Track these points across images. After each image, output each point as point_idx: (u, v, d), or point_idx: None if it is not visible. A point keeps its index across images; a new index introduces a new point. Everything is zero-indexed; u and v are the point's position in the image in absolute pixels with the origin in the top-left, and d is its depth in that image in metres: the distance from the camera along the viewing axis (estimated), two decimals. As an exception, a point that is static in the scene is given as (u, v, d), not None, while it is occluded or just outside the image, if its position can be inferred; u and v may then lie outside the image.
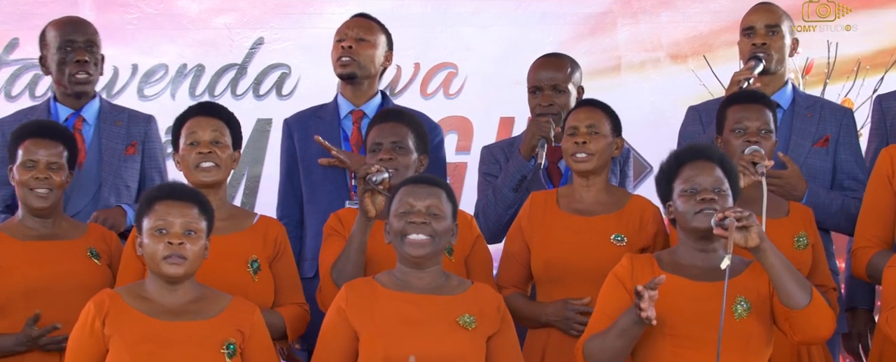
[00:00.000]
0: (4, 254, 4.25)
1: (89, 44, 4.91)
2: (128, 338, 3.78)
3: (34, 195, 4.27)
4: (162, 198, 3.88)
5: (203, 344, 3.81)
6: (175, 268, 3.82)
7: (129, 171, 4.90)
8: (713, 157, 3.96)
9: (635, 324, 3.78)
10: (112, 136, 4.93)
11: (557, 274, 4.34)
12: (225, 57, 6.29)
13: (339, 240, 4.32)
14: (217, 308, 3.89)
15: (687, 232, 3.91)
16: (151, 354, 3.77)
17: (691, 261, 3.92)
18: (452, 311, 3.90)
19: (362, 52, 5.00)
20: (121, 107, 5.08)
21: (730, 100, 4.55)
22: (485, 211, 4.84)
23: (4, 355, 4.21)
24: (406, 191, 3.97)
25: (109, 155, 4.90)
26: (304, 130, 5.03)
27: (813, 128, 4.91)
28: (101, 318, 3.81)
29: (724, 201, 3.88)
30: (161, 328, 3.81)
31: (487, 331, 3.91)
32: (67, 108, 4.94)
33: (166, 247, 3.81)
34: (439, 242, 3.93)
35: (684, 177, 3.92)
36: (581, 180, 4.43)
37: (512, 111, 6.19)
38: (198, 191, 3.99)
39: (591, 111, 4.46)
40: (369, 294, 3.92)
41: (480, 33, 6.34)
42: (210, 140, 4.30)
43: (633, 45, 6.35)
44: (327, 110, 5.08)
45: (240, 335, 3.86)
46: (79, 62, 4.87)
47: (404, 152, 4.41)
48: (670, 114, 6.18)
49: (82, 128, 4.93)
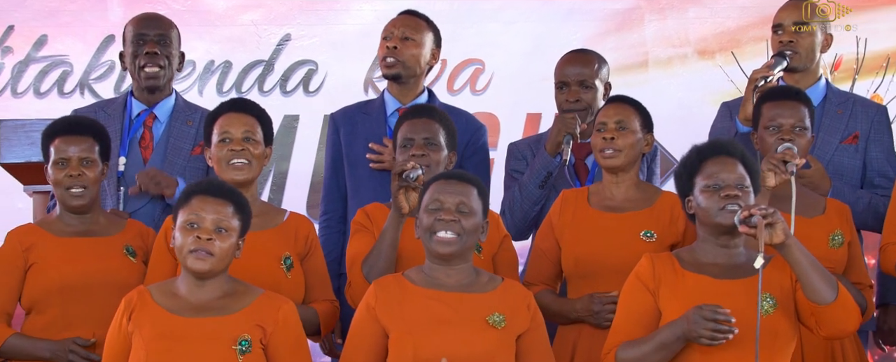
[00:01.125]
0: (41, 251, 4.26)
1: (161, 37, 4.91)
2: (145, 335, 3.80)
3: (70, 194, 4.28)
4: (198, 193, 3.88)
5: (216, 341, 3.80)
6: (200, 264, 3.82)
7: (193, 172, 4.87)
8: (735, 153, 3.95)
9: (678, 340, 3.77)
10: (180, 135, 4.91)
11: (588, 270, 4.34)
12: (252, 53, 6.31)
13: (367, 235, 4.33)
14: (242, 303, 3.88)
15: (709, 228, 3.90)
16: (165, 351, 3.77)
17: (713, 259, 3.91)
18: (482, 310, 3.88)
19: (406, 52, 4.97)
20: (195, 106, 5.05)
21: (765, 96, 4.52)
22: (511, 207, 4.83)
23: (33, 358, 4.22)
24: (437, 188, 3.96)
25: (174, 154, 4.89)
26: (350, 126, 5.02)
27: (842, 125, 4.89)
28: (128, 314, 3.83)
29: (746, 197, 3.88)
30: (179, 324, 3.81)
31: (517, 330, 3.90)
32: (141, 104, 4.94)
33: (195, 240, 3.81)
34: (468, 240, 3.92)
35: (707, 173, 3.91)
36: (611, 177, 4.43)
37: (538, 107, 6.19)
38: (236, 191, 3.97)
39: (620, 107, 4.45)
40: (398, 291, 3.91)
41: (507, 29, 6.34)
42: (242, 137, 4.30)
43: (660, 41, 6.34)
44: (373, 106, 5.06)
45: (260, 330, 3.84)
46: (148, 55, 4.87)
47: (435, 149, 4.41)
48: (697, 111, 6.18)
49: (153, 125, 4.93)
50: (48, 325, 4.21)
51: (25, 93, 6.22)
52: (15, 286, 4.23)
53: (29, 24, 6.22)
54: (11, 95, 6.21)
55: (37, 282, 4.22)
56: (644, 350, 3.82)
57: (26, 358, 4.21)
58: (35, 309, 4.24)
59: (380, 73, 5.11)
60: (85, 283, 4.21)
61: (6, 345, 4.19)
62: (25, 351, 4.19)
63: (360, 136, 4.96)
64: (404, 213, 4.15)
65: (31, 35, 6.22)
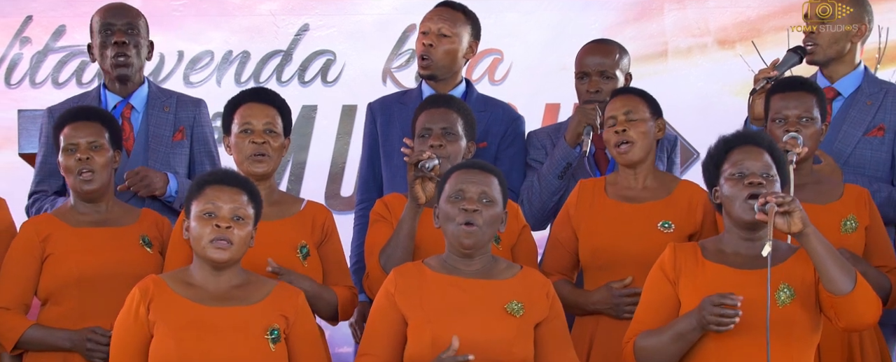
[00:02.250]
0: (57, 241, 4.26)
1: (129, 27, 4.86)
2: (173, 324, 3.79)
3: (80, 180, 4.28)
4: (213, 183, 3.88)
5: (247, 330, 3.81)
6: (220, 253, 3.82)
7: (177, 157, 4.88)
8: (762, 143, 3.94)
9: (694, 330, 3.76)
10: (159, 123, 4.90)
11: (605, 261, 4.33)
12: (270, 43, 6.31)
13: (385, 225, 4.33)
14: (261, 293, 3.89)
15: (732, 219, 3.89)
16: (196, 340, 3.78)
17: (735, 249, 3.90)
18: (501, 297, 3.88)
19: (441, 49, 4.93)
20: (170, 92, 5.04)
21: (774, 88, 4.50)
22: (529, 197, 4.82)
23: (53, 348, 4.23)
24: (458, 177, 3.95)
25: (156, 142, 4.87)
26: (387, 116, 5.01)
27: (868, 117, 4.83)
28: (146, 304, 3.82)
29: (771, 187, 3.86)
30: (206, 313, 3.81)
31: (536, 318, 3.90)
32: (116, 96, 4.91)
33: (213, 230, 3.82)
34: (489, 230, 3.91)
35: (732, 162, 3.90)
36: (628, 168, 4.41)
37: (557, 97, 6.17)
38: (248, 179, 3.99)
39: (625, 98, 4.43)
40: (418, 278, 3.91)
41: (526, 19, 6.32)
42: (263, 128, 4.30)
43: (680, 31, 6.31)
44: (411, 97, 5.04)
45: (284, 320, 3.86)
46: (117, 44, 4.83)
47: (453, 139, 4.40)
48: (717, 100, 6.16)
49: (130, 115, 4.90)
50: (65, 316, 4.22)
51: (44, 84, 6.23)
52: (32, 277, 4.24)
53: (47, 15, 6.22)
54: (30, 86, 6.22)
55: (54, 273, 4.22)
56: (662, 339, 3.82)
57: (46, 349, 4.22)
58: (51, 299, 4.25)
59: (398, 63, 5.09)
60: (102, 274, 4.21)
61: (25, 336, 4.20)
62: (45, 341, 4.20)
63: (397, 126, 4.95)
64: (421, 204, 4.15)
65: (50, 25, 6.22)
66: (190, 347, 3.77)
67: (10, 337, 4.21)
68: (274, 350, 3.81)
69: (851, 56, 4.90)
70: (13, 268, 4.25)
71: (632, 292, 4.24)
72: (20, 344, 4.21)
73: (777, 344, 3.76)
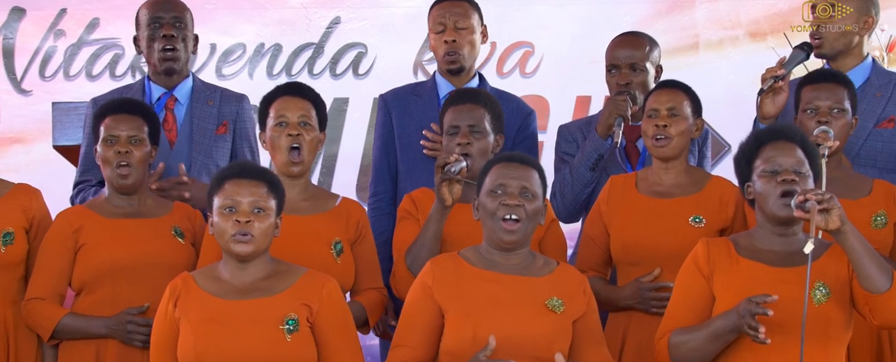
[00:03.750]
0: (91, 232, 4.29)
1: (176, 20, 4.87)
2: (193, 320, 3.81)
3: (117, 172, 4.31)
4: (231, 177, 3.89)
5: (262, 322, 3.80)
6: (242, 247, 3.82)
7: (219, 151, 4.87)
8: (794, 138, 3.91)
9: (731, 331, 3.74)
10: (203, 116, 4.90)
11: (636, 257, 4.32)
12: (302, 36, 6.33)
13: (413, 222, 4.33)
14: (286, 283, 3.88)
15: (766, 215, 3.87)
16: (213, 334, 3.78)
17: (769, 246, 3.87)
18: (540, 293, 3.86)
19: (464, 42, 4.95)
20: (214, 86, 5.04)
21: (805, 80, 4.49)
22: (562, 190, 4.82)
23: (89, 336, 4.25)
24: (499, 171, 3.93)
25: (200, 135, 4.88)
26: (402, 108, 5.01)
27: (878, 108, 4.80)
28: (174, 301, 3.85)
29: (804, 183, 3.83)
30: (225, 308, 3.82)
31: (574, 315, 3.88)
32: (160, 88, 4.91)
33: (234, 225, 3.82)
34: (530, 224, 3.90)
35: (765, 158, 3.88)
36: (660, 163, 4.41)
37: (588, 90, 6.17)
38: (267, 170, 3.98)
39: (672, 93, 4.42)
40: (455, 271, 3.89)
41: (557, 11, 6.32)
42: (298, 121, 4.30)
43: (711, 23, 6.30)
44: (425, 89, 5.05)
45: (306, 309, 3.84)
46: (165, 37, 4.84)
47: (481, 135, 4.40)
48: (748, 93, 6.10)
49: (174, 107, 4.91)
50: (97, 305, 4.24)
51: (78, 76, 6.27)
52: (65, 267, 4.27)
53: (81, 7, 6.26)
54: (64, 78, 6.26)
55: (87, 263, 4.26)
56: (697, 337, 3.79)
57: (81, 337, 4.25)
58: (85, 289, 4.28)
59: (430, 56, 5.10)
60: (134, 264, 4.24)
61: (61, 325, 4.23)
62: (80, 329, 4.23)
63: (413, 118, 4.95)
64: (447, 205, 4.14)
65: (84, 18, 6.26)
66: (206, 342, 3.78)
67: (46, 326, 4.24)
68: (290, 340, 3.79)
69: (859, 49, 4.88)
70: (47, 259, 4.28)
71: (659, 286, 4.24)
72: (56, 333, 4.25)
73: (814, 343, 3.74)
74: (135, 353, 4.21)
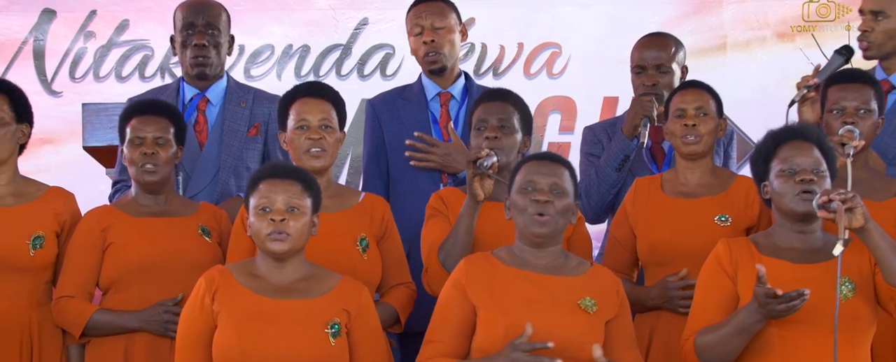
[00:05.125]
0: (119, 231, 4.32)
1: (209, 26, 4.89)
2: (236, 315, 3.82)
3: (143, 171, 4.33)
4: (265, 177, 3.91)
5: (308, 323, 3.82)
6: (278, 245, 3.85)
7: (250, 153, 4.89)
8: (811, 138, 3.91)
9: (757, 323, 3.73)
10: (235, 118, 4.92)
11: (663, 257, 4.32)
12: (330, 37, 6.35)
13: (442, 220, 4.34)
14: (325, 287, 3.91)
15: (784, 213, 3.87)
16: (257, 331, 3.80)
17: (790, 244, 3.87)
18: (573, 293, 3.87)
19: (444, 42, 4.99)
20: (248, 87, 5.05)
21: (830, 79, 4.48)
22: (588, 191, 4.83)
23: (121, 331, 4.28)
24: (529, 168, 3.94)
25: (230, 136, 4.89)
26: (391, 112, 5.03)
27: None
28: (211, 294, 3.85)
29: (822, 182, 3.83)
30: (268, 305, 3.83)
31: (607, 315, 3.88)
32: (194, 89, 4.94)
33: (269, 224, 3.84)
34: (561, 220, 3.90)
35: (782, 157, 3.88)
36: (686, 162, 4.40)
37: (616, 91, 6.17)
38: (301, 169, 4.01)
39: (698, 93, 4.41)
40: (489, 269, 3.90)
41: (584, 12, 6.32)
42: (319, 124, 4.32)
43: (738, 24, 6.29)
44: (412, 92, 5.08)
45: (346, 315, 3.88)
46: (197, 45, 4.87)
47: (509, 132, 4.40)
48: (776, 94, 6.11)
49: (206, 108, 4.93)
50: (125, 304, 4.27)
51: (107, 78, 6.30)
52: (94, 265, 4.30)
53: (111, 9, 6.30)
54: (94, 79, 6.30)
55: (115, 262, 4.28)
56: (722, 334, 3.79)
57: (113, 332, 4.27)
58: (113, 288, 4.30)
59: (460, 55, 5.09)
60: (162, 263, 4.26)
61: (92, 321, 4.26)
62: (112, 324, 4.26)
63: (403, 123, 4.98)
64: (479, 201, 4.14)
65: (113, 20, 6.30)
66: (251, 338, 3.79)
67: (78, 322, 4.27)
68: (334, 344, 3.82)
69: None
70: (76, 257, 4.31)
71: (685, 284, 4.24)
72: (88, 330, 4.27)
73: (841, 339, 3.73)
74: (164, 350, 4.23)
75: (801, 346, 3.77)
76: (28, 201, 4.40)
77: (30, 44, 6.28)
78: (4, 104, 4.39)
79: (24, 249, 4.31)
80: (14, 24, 6.27)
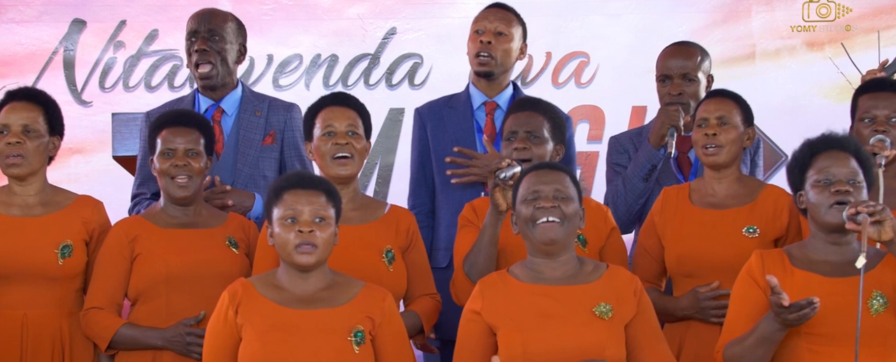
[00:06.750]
0: (147, 242, 4.33)
1: (211, 33, 4.85)
2: (258, 327, 3.83)
3: (175, 184, 4.34)
4: (290, 188, 3.90)
5: (331, 332, 3.83)
6: (306, 257, 3.85)
7: (266, 162, 4.89)
8: (848, 147, 3.88)
9: (778, 331, 3.73)
10: (250, 127, 4.91)
11: (691, 268, 4.31)
12: (358, 47, 6.36)
13: (473, 230, 4.33)
14: (348, 295, 3.91)
15: (819, 224, 3.85)
16: (281, 342, 3.80)
17: (824, 257, 3.85)
18: (588, 301, 3.86)
19: (500, 48, 4.97)
20: (263, 96, 5.04)
21: (862, 88, 4.46)
22: (615, 201, 4.81)
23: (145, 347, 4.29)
24: (531, 178, 3.95)
25: (246, 146, 4.88)
26: (437, 120, 5.03)
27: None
28: (235, 307, 3.86)
29: (858, 193, 3.81)
30: (291, 316, 3.84)
31: (625, 318, 3.87)
32: (208, 100, 4.92)
33: (297, 235, 3.84)
34: (570, 225, 3.90)
35: (818, 168, 3.85)
36: (712, 172, 4.39)
37: (644, 100, 6.15)
38: (325, 179, 4.01)
39: (721, 102, 4.40)
40: (504, 289, 3.91)
41: (612, 22, 6.31)
42: (346, 130, 4.32)
43: (767, 33, 6.26)
44: (459, 100, 5.07)
45: (370, 322, 3.88)
46: (198, 51, 4.85)
47: (539, 142, 4.40)
48: (806, 103, 6.11)
49: (221, 119, 4.92)
50: (152, 315, 4.28)
51: (137, 87, 6.33)
52: (122, 276, 4.31)
53: (140, 19, 6.33)
54: (123, 89, 6.33)
55: (143, 272, 4.29)
56: (747, 345, 3.79)
57: (137, 348, 4.28)
58: (141, 298, 4.31)
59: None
60: (190, 273, 4.27)
61: (118, 335, 4.27)
62: (136, 340, 4.27)
63: (448, 131, 4.97)
64: (502, 211, 4.14)
65: (143, 30, 6.33)
66: (275, 349, 3.80)
67: (104, 335, 4.28)
68: (358, 352, 3.83)
69: None
70: (105, 268, 4.33)
71: (718, 294, 4.22)
72: (113, 343, 4.28)
73: (872, 354, 3.73)
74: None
75: (830, 359, 3.75)
76: (57, 210, 4.43)
77: (60, 54, 6.31)
78: (39, 117, 4.42)
79: (53, 258, 4.33)
80: (44, 34, 6.30)
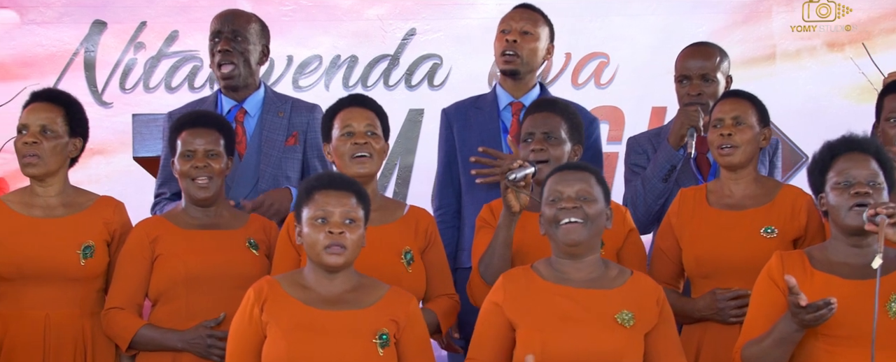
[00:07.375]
0: (167, 243, 4.34)
1: (235, 34, 4.86)
2: (284, 325, 3.83)
3: (195, 185, 4.35)
4: (321, 188, 3.91)
5: (356, 334, 3.83)
6: (335, 258, 3.85)
7: (289, 162, 4.89)
8: (868, 149, 3.87)
9: (796, 332, 3.72)
10: (273, 128, 4.91)
11: (709, 269, 4.30)
12: (378, 48, 6.37)
13: (491, 232, 4.32)
14: (373, 297, 3.92)
15: (839, 227, 3.84)
16: (306, 342, 3.81)
17: (844, 259, 3.84)
18: (611, 307, 3.86)
19: (526, 47, 4.96)
20: (285, 97, 5.04)
21: (886, 89, 4.45)
22: (634, 202, 4.81)
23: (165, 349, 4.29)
24: (555, 179, 3.95)
25: (269, 146, 4.89)
26: (463, 121, 5.03)
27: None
28: (260, 305, 3.87)
29: (878, 195, 3.80)
30: (316, 316, 3.84)
31: (645, 327, 3.87)
32: (231, 100, 4.93)
33: (327, 236, 3.84)
34: (593, 226, 3.90)
35: (838, 169, 3.85)
36: (729, 173, 4.38)
37: (664, 101, 6.15)
38: (355, 181, 4.01)
39: (736, 102, 4.39)
40: (527, 285, 3.90)
41: (632, 22, 6.31)
42: (364, 130, 4.33)
43: (788, 33, 6.25)
44: (486, 101, 5.07)
45: (394, 325, 3.88)
46: (221, 52, 4.86)
47: (556, 143, 4.40)
48: (826, 104, 6.09)
49: (244, 120, 4.92)
50: (173, 316, 4.28)
51: (157, 88, 6.36)
52: (143, 277, 4.32)
53: (160, 20, 6.35)
54: (144, 90, 6.36)
55: (163, 273, 4.30)
56: (764, 346, 3.79)
57: (157, 349, 4.29)
58: (161, 299, 4.32)
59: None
60: (210, 275, 4.27)
61: (138, 336, 4.28)
62: (156, 341, 4.27)
63: (474, 131, 4.97)
64: (514, 212, 4.13)
65: (163, 31, 6.35)
66: (300, 349, 3.80)
67: (124, 336, 4.29)
68: (382, 354, 3.83)
69: None
70: (125, 268, 4.34)
71: (736, 295, 4.21)
72: (133, 344, 4.29)
73: (888, 355, 3.71)
74: None
75: (848, 360, 3.74)
76: (78, 211, 4.44)
77: (81, 55, 6.34)
78: (59, 118, 4.43)
79: (75, 259, 4.35)
80: (65, 35, 6.33)
